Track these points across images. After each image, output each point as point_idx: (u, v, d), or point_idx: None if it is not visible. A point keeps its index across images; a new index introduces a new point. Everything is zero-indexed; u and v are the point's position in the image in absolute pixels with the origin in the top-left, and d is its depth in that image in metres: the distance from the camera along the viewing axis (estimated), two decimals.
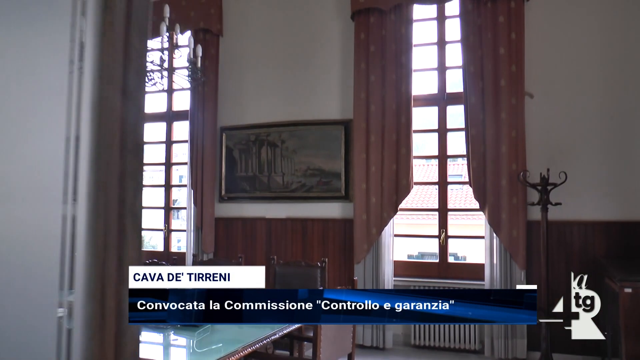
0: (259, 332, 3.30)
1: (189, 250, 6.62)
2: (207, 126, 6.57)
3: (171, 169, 7.27)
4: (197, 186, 6.58)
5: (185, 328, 3.41)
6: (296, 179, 6.19)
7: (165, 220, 7.18)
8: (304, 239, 6.14)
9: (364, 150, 5.73)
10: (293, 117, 6.24)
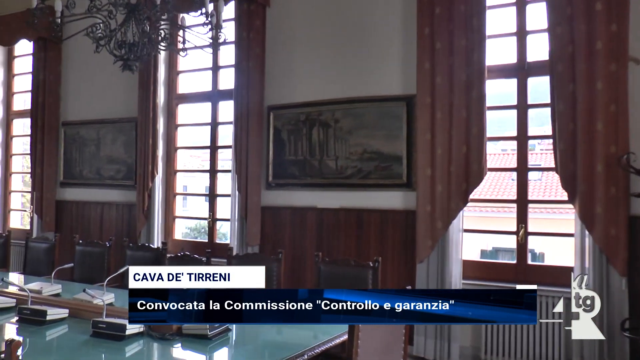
0: (282, 350, 2.80)
1: (233, 242, 6.18)
2: (252, 105, 6.09)
3: (216, 152, 6.84)
4: (242, 171, 6.11)
5: (194, 340, 2.93)
6: (351, 163, 5.60)
7: (209, 209, 6.77)
8: (359, 232, 5.56)
9: (429, 129, 5.07)
10: (348, 93, 5.66)
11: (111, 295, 3.82)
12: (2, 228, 8.51)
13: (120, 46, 3.64)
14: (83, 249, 5.64)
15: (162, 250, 5.25)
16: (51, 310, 3.38)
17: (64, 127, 7.94)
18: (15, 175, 8.89)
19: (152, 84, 6.87)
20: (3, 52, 8.76)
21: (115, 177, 7.43)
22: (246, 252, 5.97)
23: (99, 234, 7.38)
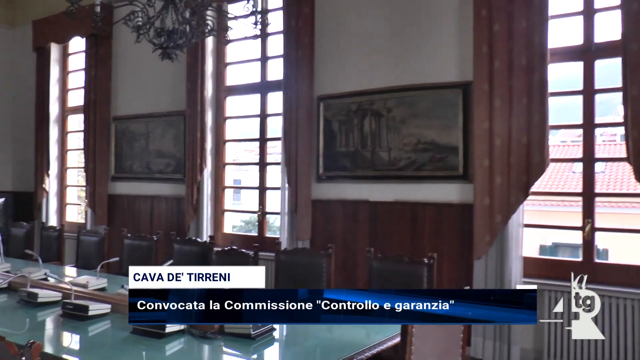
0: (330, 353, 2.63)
1: (283, 236, 6.06)
2: (302, 96, 5.95)
3: (265, 145, 6.74)
4: (291, 164, 5.98)
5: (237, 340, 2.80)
6: (405, 154, 5.39)
7: (259, 202, 6.68)
8: (413, 227, 5.35)
9: (487, 118, 4.81)
10: (401, 81, 5.45)
11: (103, 280, 3.81)
12: (59, 222, 8.68)
13: (159, 34, 3.55)
14: (131, 242, 5.64)
15: (209, 244, 5.17)
16: (94, 305, 3.32)
17: (115, 122, 8.02)
18: (70, 170, 9.06)
19: (200, 76, 6.83)
20: (58, 50, 8.92)
21: (164, 171, 7.44)
22: (296, 246, 5.86)
23: (149, 227, 7.42)
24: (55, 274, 4.92)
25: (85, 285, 3.95)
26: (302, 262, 4.55)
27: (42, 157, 8.75)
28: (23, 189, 9.38)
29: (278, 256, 4.68)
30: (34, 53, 8.93)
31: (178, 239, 5.43)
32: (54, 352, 2.59)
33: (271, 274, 5.88)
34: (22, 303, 3.66)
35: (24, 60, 9.27)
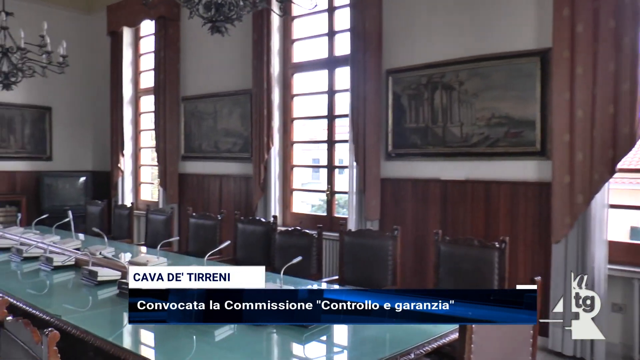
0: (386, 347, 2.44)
1: (352, 216, 5.88)
2: (370, 70, 5.71)
3: (334, 122, 6.54)
4: (359, 141, 5.77)
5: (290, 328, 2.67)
6: (477, 129, 5.06)
7: (328, 181, 6.52)
8: (486, 207, 5.03)
9: (567, 88, 4.40)
10: (473, 51, 5.11)
11: (163, 260, 3.70)
12: (134, 200, 8.91)
13: (207, 7, 3.41)
14: (196, 221, 5.63)
15: (272, 224, 5.07)
16: None
17: (184, 102, 8.08)
18: (144, 150, 9.25)
19: (266, 53, 6.71)
20: (130, 34, 9.10)
21: (232, 150, 7.42)
22: (365, 227, 5.67)
23: (218, 206, 7.44)
24: (128, 252, 5.01)
25: (145, 265, 3.91)
26: (367, 244, 4.36)
27: (117, 138, 8.97)
28: (101, 168, 9.70)
29: (342, 237, 4.50)
30: (108, 37, 9.15)
31: (242, 218, 5.36)
32: (102, 335, 2.53)
33: (335, 256, 5.75)
34: (84, 280, 3.69)
35: (99, 45, 9.54)
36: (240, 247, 5.22)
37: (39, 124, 9.54)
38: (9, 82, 6.36)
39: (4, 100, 8.86)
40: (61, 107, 9.69)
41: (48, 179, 9.16)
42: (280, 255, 4.71)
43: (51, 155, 9.66)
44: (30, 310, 3.11)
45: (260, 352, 2.50)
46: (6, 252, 4.78)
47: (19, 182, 9.28)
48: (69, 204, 8.79)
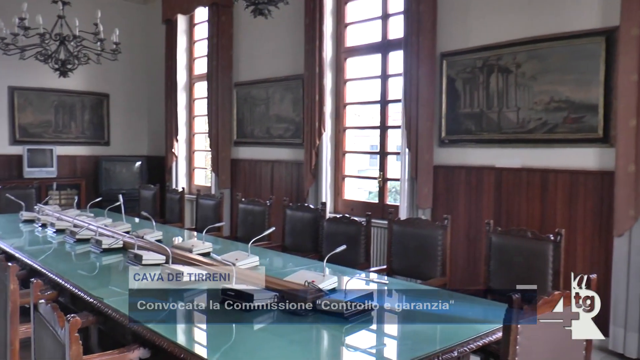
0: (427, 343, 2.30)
1: (403, 204, 5.73)
2: (423, 53, 5.52)
3: (387, 107, 6.38)
4: (411, 127, 5.60)
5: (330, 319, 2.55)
6: (535, 114, 4.82)
7: (380, 168, 6.38)
8: (543, 196, 4.78)
9: (636, 69, 4.11)
10: (531, 32, 4.85)
11: (255, 258, 3.61)
12: (187, 185, 9.03)
13: None
14: (245, 207, 5.61)
15: (321, 211, 4.98)
16: (189, 270, 3.24)
17: (236, 88, 8.08)
18: (198, 136, 9.34)
19: (318, 38, 6.60)
20: (185, 21, 9.19)
21: (283, 136, 7.38)
22: (417, 215, 5.52)
23: (269, 191, 7.42)
24: (177, 236, 5.04)
25: (189, 250, 3.88)
26: (416, 233, 4.20)
27: (172, 123, 9.09)
28: (155, 153, 9.88)
29: (391, 226, 4.37)
30: (163, 25, 9.26)
31: (290, 204, 5.30)
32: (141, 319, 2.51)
33: (384, 244, 5.62)
34: (129, 264, 3.70)
35: (154, 33, 9.70)
36: (288, 233, 5.16)
37: (98, 110, 9.80)
38: (65, 69, 6.52)
39: (65, 88, 9.14)
40: (118, 93, 9.93)
41: (106, 163, 9.40)
42: (328, 243, 4.62)
43: (109, 141, 9.92)
44: (77, 291, 3.12)
45: (302, 340, 2.40)
46: (62, 234, 4.89)
47: (79, 166, 9.57)
48: (125, 187, 9.02)
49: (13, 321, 2.43)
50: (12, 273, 2.45)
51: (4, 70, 8.62)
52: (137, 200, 7.30)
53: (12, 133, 9.11)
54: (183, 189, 6.92)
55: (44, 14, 6.27)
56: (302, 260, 4.07)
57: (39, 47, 6.39)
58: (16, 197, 6.12)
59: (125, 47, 7.10)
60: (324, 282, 2.85)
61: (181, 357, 2.16)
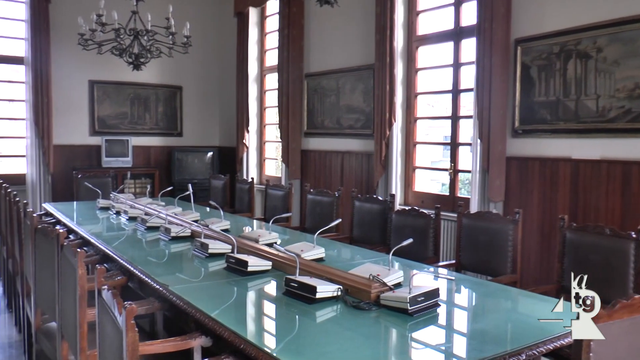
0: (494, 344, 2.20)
1: (474, 197, 5.56)
2: (497, 40, 5.32)
3: (459, 97, 6.21)
4: (483, 117, 5.42)
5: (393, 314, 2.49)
6: (616, 102, 4.54)
7: (451, 159, 6.23)
8: (624, 190, 4.50)
9: None
10: (615, 13, 4.55)
11: (320, 249, 3.58)
12: (258, 175, 9.15)
13: None
14: (314, 197, 5.60)
15: (389, 202, 4.91)
16: (254, 261, 3.25)
17: (307, 79, 8.09)
18: (268, 126, 9.43)
19: (389, 27, 6.49)
20: (256, 13, 9.30)
21: (354, 126, 7.32)
22: (488, 208, 5.34)
23: (339, 182, 7.40)
24: (247, 225, 5.10)
25: (256, 240, 3.89)
26: (486, 227, 4.07)
27: (243, 115, 9.21)
28: (227, 144, 10.06)
29: (460, 219, 4.24)
30: (235, 18, 9.39)
31: (359, 195, 5.25)
32: (204, 309, 2.53)
33: (453, 238, 5.48)
34: (196, 252, 3.76)
35: (226, 26, 9.88)
36: (356, 225, 5.12)
37: (171, 102, 10.07)
38: (138, 62, 6.71)
39: (140, 81, 9.46)
40: (191, 86, 10.17)
41: (178, 153, 9.65)
42: (396, 236, 4.56)
43: (181, 132, 10.18)
44: (144, 278, 3.20)
45: (365, 335, 2.34)
46: (134, 221, 5.05)
47: (152, 156, 9.88)
48: (197, 177, 9.24)
49: (81, 305, 2.51)
50: (80, 259, 2.53)
51: (84, 65, 9.01)
52: (208, 189, 7.45)
53: (92, 124, 9.51)
54: (252, 179, 7.00)
55: (119, 10, 6.47)
56: (369, 252, 4.02)
57: (114, 42, 6.61)
58: (94, 185, 6.38)
59: (197, 41, 7.24)
60: (389, 276, 2.78)
61: (241, 347, 2.16)
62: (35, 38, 8.71)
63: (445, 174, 6.35)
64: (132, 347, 1.70)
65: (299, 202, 7.73)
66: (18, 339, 4.65)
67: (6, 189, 5.30)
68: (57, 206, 6.20)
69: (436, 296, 2.58)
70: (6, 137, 9.39)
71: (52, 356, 3.19)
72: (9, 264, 5.08)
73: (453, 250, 5.42)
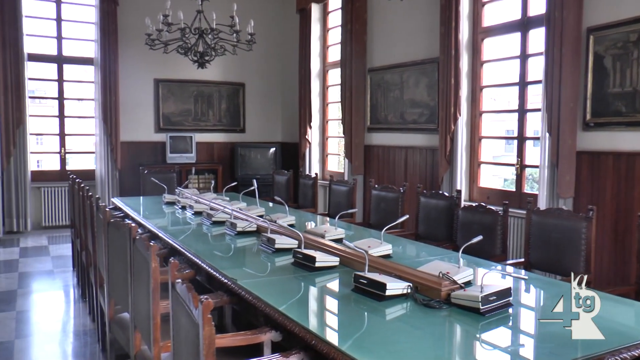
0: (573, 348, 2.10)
1: (542, 193, 5.43)
2: (567, 29, 5.17)
3: (526, 89, 6.07)
4: (553, 110, 5.28)
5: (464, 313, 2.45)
6: None
7: (517, 154, 6.10)
8: None
9: None
10: None
11: (387, 246, 3.56)
12: (320, 171, 9.20)
13: None
14: (378, 193, 5.58)
15: (455, 199, 4.84)
16: (321, 256, 3.26)
17: (370, 73, 8.08)
18: (331, 122, 9.46)
19: (455, 19, 6.41)
20: (319, 9, 9.36)
21: (418, 121, 7.26)
22: (557, 205, 5.20)
23: (403, 178, 7.37)
24: (311, 221, 5.13)
25: (322, 235, 3.88)
26: (557, 225, 3.93)
27: (305, 110, 9.29)
28: (289, 140, 10.16)
29: (529, 216, 4.14)
30: (297, 14, 9.46)
31: (424, 191, 5.20)
32: (273, 303, 2.55)
33: (522, 236, 5.36)
34: (262, 247, 3.81)
35: (288, 23, 9.98)
36: (422, 221, 5.07)
37: (234, 98, 10.27)
38: (203, 61, 6.86)
39: (204, 78, 9.69)
40: (253, 82, 10.32)
41: (241, 149, 9.82)
42: (463, 233, 4.49)
43: (244, 128, 10.36)
44: (212, 272, 3.25)
45: (435, 334, 2.32)
46: (200, 216, 5.16)
47: (216, 152, 10.10)
48: (260, 173, 9.38)
49: (154, 297, 2.58)
50: (153, 252, 2.60)
51: (150, 65, 9.30)
52: (271, 185, 7.55)
53: (157, 122, 9.80)
54: (316, 175, 7.05)
55: (185, 10, 6.63)
56: (436, 249, 3.97)
57: (179, 41, 6.78)
58: (159, 180, 6.57)
59: (260, 38, 7.33)
60: (459, 274, 2.74)
61: (312, 343, 2.17)
62: (104, 39, 9.05)
63: (509, 169, 6.21)
64: (208, 341, 1.75)
65: (362, 197, 7.75)
66: (92, 328, 4.84)
67: (79, 184, 5.51)
68: (125, 201, 6.43)
69: (508, 296, 2.52)
70: (76, 135, 9.80)
71: (125, 345, 3.28)
72: (83, 255, 5.29)
73: (520, 248, 5.31)
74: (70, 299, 5.94)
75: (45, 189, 9.16)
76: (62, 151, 9.47)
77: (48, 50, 9.31)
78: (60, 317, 5.36)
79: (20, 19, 8.69)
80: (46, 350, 4.47)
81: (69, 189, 7.12)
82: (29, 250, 7.92)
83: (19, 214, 8.85)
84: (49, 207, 9.19)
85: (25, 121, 8.81)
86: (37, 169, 9.38)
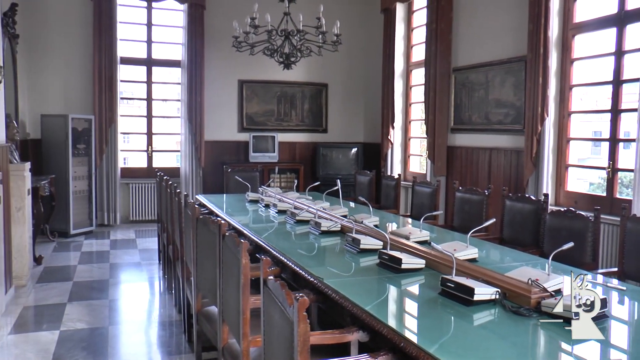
0: None
1: (637, 198, 5.19)
2: None
3: (620, 88, 5.82)
4: None
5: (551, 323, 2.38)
6: None
7: (609, 157, 5.86)
8: None
9: None
10: None
11: (473, 249, 3.51)
12: (402, 171, 9.18)
13: None
14: (462, 195, 5.52)
15: (542, 203, 4.72)
16: (407, 258, 3.26)
17: (454, 73, 7.98)
18: (414, 122, 9.42)
19: (544, 15, 6.23)
20: (403, 9, 9.35)
21: (503, 122, 7.12)
22: None
23: (486, 180, 7.24)
24: (393, 222, 5.14)
25: (407, 237, 3.88)
26: None
27: (388, 111, 9.29)
28: (371, 140, 10.18)
29: (624, 223, 3.97)
30: (381, 14, 9.50)
31: (510, 195, 5.10)
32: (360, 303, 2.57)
33: (614, 244, 5.15)
34: (347, 247, 3.85)
35: (372, 23, 10.02)
36: (507, 225, 4.97)
37: (316, 99, 10.40)
38: (289, 62, 7.01)
39: (287, 79, 9.88)
40: (336, 83, 10.43)
41: (323, 149, 9.94)
42: (550, 238, 4.37)
43: (326, 128, 10.48)
44: (297, 269, 3.32)
45: (524, 344, 2.28)
46: (283, 214, 5.28)
47: (298, 152, 10.26)
48: (341, 173, 9.47)
49: (244, 292, 2.66)
50: (244, 249, 2.69)
51: (234, 66, 9.60)
52: (353, 185, 7.61)
53: (241, 121, 10.08)
54: (399, 175, 7.04)
55: (272, 12, 6.79)
56: (522, 255, 3.89)
57: (266, 42, 6.95)
58: (243, 179, 6.77)
59: (344, 38, 7.40)
60: (549, 281, 2.68)
61: (401, 345, 2.18)
62: (191, 42, 9.41)
63: (595, 172, 5.96)
64: (303, 338, 1.81)
65: (444, 199, 7.67)
66: (178, 319, 5.06)
67: (167, 181, 5.75)
68: (209, 198, 6.65)
69: (604, 307, 2.44)
70: (162, 134, 10.26)
71: (212, 337, 3.39)
72: (169, 249, 5.51)
73: (612, 256, 5.12)
74: (156, 291, 6.23)
75: (133, 185, 9.64)
76: (149, 149, 9.92)
77: (138, 53, 9.76)
78: (147, 307, 5.65)
79: (115, 25, 9.18)
80: (135, 338, 4.74)
81: (157, 185, 7.45)
82: (118, 243, 8.37)
83: (110, 208, 9.38)
84: (136, 202, 9.69)
85: (117, 121, 9.30)
86: (123, 165, 9.86)
